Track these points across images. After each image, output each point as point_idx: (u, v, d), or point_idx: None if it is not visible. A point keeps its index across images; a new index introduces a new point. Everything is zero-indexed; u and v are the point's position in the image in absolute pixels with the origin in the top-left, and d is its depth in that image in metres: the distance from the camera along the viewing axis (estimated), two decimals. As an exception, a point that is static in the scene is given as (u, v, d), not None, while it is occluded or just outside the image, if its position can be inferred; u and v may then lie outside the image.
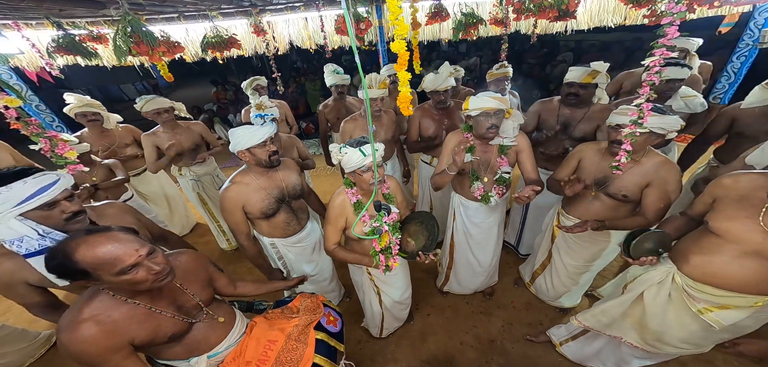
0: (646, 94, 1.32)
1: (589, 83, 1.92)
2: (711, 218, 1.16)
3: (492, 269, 2.30)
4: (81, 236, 0.88)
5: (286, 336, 1.32)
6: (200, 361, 1.18)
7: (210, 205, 2.97)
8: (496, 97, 1.58)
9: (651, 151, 1.52)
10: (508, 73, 2.79)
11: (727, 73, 3.43)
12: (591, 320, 1.63)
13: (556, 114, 2.14)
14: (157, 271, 0.98)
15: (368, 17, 3.21)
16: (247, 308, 1.53)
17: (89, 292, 0.98)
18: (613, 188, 1.60)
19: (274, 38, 3.66)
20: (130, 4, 1.98)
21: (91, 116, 2.60)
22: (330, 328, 1.50)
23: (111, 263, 0.89)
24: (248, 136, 1.52)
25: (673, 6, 1.12)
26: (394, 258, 1.59)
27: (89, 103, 2.60)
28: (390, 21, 1.43)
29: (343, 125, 2.43)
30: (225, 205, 1.61)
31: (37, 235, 1.13)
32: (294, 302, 1.54)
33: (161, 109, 2.47)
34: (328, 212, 1.55)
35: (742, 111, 1.89)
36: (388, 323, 2.10)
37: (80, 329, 0.91)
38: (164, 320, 1.07)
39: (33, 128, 1.57)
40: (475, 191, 1.84)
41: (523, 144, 1.76)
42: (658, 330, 1.36)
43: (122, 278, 0.92)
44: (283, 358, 1.26)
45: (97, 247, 0.88)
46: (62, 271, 0.87)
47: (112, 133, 2.80)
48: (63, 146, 1.69)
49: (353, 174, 1.43)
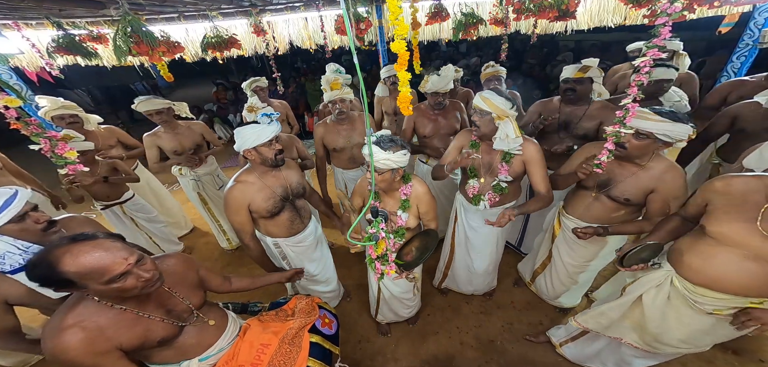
0: (634, 95, 1.32)
1: (583, 77, 1.96)
2: (707, 222, 1.15)
3: (489, 276, 2.28)
4: (65, 244, 0.85)
5: (280, 340, 1.31)
6: (191, 364, 1.16)
7: (210, 205, 2.96)
8: (488, 98, 1.57)
9: (658, 155, 1.49)
10: (497, 72, 2.78)
11: (727, 73, 3.43)
12: (590, 321, 1.62)
13: (557, 112, 2.15)
14: (146, 278, 0.96)
15: (368, 17, 3.21)
16: (242, 309, 1.51)
17: (73, 298, 0.95)
18: (616, 191, 1.59)
19: (274, 38, 3.66)
20: (130, 4, 1.97)
21: (69, 119, 2.51)
22: (325, 331, 1.49)
23: (99, 273, 0.86)
24: (256, 135, 1.52)
25: (668, 6, 1.12)
26: (390, 266, 1.58)
27: (64, 105, 2.51)
28: (390, 21, 1.43)
29: (314, 129, 2.43)
30: (230, 204, 1.60)
31: (18, 250, 1.14)
32: (289, 303, 1.53)
33: (153, 110, 2.43)
34: (354, 189, 1.75)
35: (744, 108, 1.89)
36: (383, 312, 2.11)
37: (65, 335, 0.88)
38: (153, 325, 1.05)
39: (33, 128, 1.57)
40: (469, 189, 1.84)
41: (534, 155, 1.65)
42: (657, 331, 1.36)
43: (111, 286, 0.89)
44: (276, 362, 1.25)
45: (84, 255, 0.85)
46: (46, 280, 0.84)
47: (95, 134, 2.72)
48: (63, 146, 1.69)
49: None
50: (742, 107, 1.91)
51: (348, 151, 2.44)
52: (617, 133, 1.38)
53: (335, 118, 2.34)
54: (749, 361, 1.89)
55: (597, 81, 2.01)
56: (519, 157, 1.68)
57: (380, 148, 1.38)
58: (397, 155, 1.39)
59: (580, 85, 1.98)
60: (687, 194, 1.42)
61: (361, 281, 2.67)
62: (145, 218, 2.85)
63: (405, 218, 1.61)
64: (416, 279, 1.67)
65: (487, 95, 1.58)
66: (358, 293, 2.58)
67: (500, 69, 2.82)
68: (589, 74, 1.95)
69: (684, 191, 1.43)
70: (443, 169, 1.74)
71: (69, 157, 1.74)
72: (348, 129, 2.39)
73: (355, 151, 2.44)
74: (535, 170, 1.68)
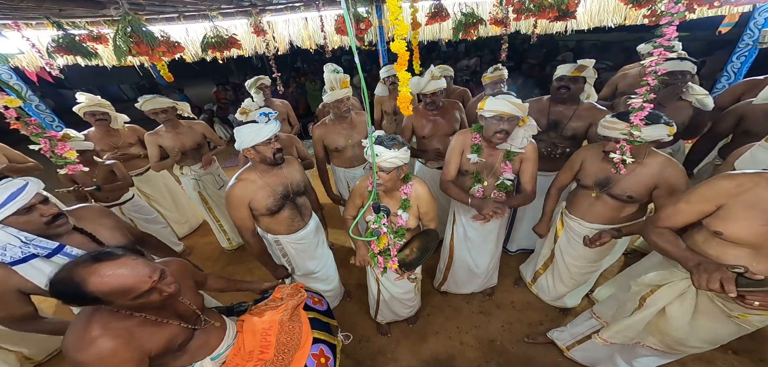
0: (644, 94, 1.32)
1: (578, 76, 1.98)
2: (721, 226, 1.07)
3: (490, 271, 2.29)
4: (89, 264, 0.85)
5: (279, 320, 1.34)
6: (204, 364, 1.19)
7: (211, 204, 2.96)
8: (516, 102, 1.54)
9: (653, 151, 1.51)
10: (503, 76, 2.76)
11: (727, 73, 3.43)
12: (617, 336, 1.54)
13: (547, 112, 2.15)
14: (169, 293, 0.97)
15: (368, 17, 3.21)
16: (228, 311, 1.49)
17: (90, 308, 0.94)
18: (616, 190, 1.60)
19: (274, 38, 3.66)
20: (130, 4, 1.98)
21: (100, 116, 2.64)
22: (317, 307, 1.53)
23: (126, 292, 0.88)
24: (254, 134, 1.53)
25: (672, 6, 1.12)
26: (393, 260, 1.59)
27: (99, 102, 2.64)
28: (390, 21, 1.43)
29: (314, 131, 2.41)
30: (231, 202, 1.62)
31: (20, 242, 1.13)
32: (275, 293, 1.55)
33: (158, 109, 2.46)
34: (353, 190, 1.73)
35: (751, 109, 1.87)
36: (382, 312, 2.11)
37: (97, 344, 0.87)
38: (174, 330, 1.07)
39: (33, 128, 1.58)
40: (474, 193, 1.84)
41: (532, 153, 1.72)
42: (683, 337, 1.31)
43: (135, 302, 0.91)
44: (284, 339, 1.28)
45: (111, 277, 0.85)
46: (72, 299, 0.84)
47: (119, 132, 2.84)
48: (62, 146, 1.69)
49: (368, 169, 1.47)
50: (749, 107, 1.89)
51: (349, 149, 2.43)
52: (630, 135, 1.38)
53: (339, 116, 2.32)
54: (749, 361, 1.89)
55: (589, 82, 2.04)
56: (519, 154, 1.72)
57: (384, 147, 1.38)
58: (401, 152, 1.40)
59: (575, 83, 2.00)
60: (687, 182, 1.43)
61: (361, 281, 2.67)
62: (144, 219, 2.85)
63: (405, 217, 1.61)
64: (418, 279, 1.67)
65: (511, 99, 1.54)
66: (358, 293, 2.58)
67: (505, 72, 2.78)
68: (584, 74, 1.97)
69: (685, 184, 1.43)
70: (454, 193, 1.75)
71: (69, 157, 1.74)
72: (348, 128, 2.39)
73: (356, 150, 2.44)
74: (528, 168, 1.75)
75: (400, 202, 1.61)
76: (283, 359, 1.24)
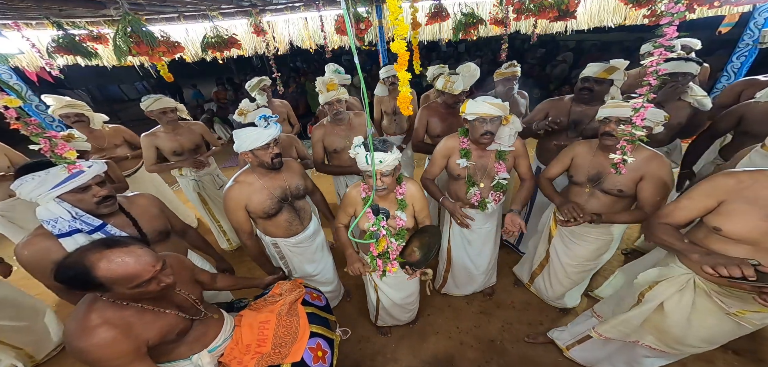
0: (645, 93, 1.31)
1: (605, 79, 1.91)
2: (721, 223, 1.08)
3: (489, 271, 2.30)
4: (99, 250, 0.88)
5: (277, 315, 1.36)
6: (202, 356, 1.20)
7: (210, 205, 2.96)
8: (495, 103, 1.56)
9: (640, 146, 1.51)
10: (516, 73, 2.73)
11: (727, 73, 3.43)
12: (612, 331, 1.56)
13: (567, 112, 2.11)
14: (166, 283, 1.00)
15: (368, 17, 3.21)
16: (228, 308, 1.51)
17: (88, 299, 0.96)
18: (607, 185, 1.60)
19: (274, 38, 3.66)
20: (130, 4, 1.98)
21: (74, 117, 2.48)
22: (316, 303, 1.54)
23: (130, 279, 0.90)
24: (253, 138, 1.52)
25: (672, 6, 1.12)
26: (392, 264, 1.59)
27: (70, 103, 2.48)
28: (390, 21, 1.43)
29: (313, 131, 2.40)
30: (228, 204, 1.63)
31: (71, 217, 1.23)
32: (274, 289, 1.56)
33: (168, 108, 2.47)
34: (344, 197, 1.71)
35: (750, 110, 1.87)
36: (383, 317, 2.11)
37: (97, 333, 0.89)
38: (171, 319, 1.09)
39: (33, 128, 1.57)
40: (472, 197, 1.83)
41: (522, 148, 1.80)
42: (681, 335, 1.32)
43: (134, 290, 0.93)
44: (281, 333, 1.30)
45: (118, 263, 0.89)
46: (78, 283, 0.86)
47: (101, 133, 2.68)
48: (63, 146, 1.69)
49: (364, 174, 1.49)
50: (749, 107, 1.89)
51: (347, 151, 2.42)
52: (630, 134, 1.38)
53: (332, 119, 2.32)
54: (749, 361, 1.89)
55: (617, 84, 1.96)
56: (511, 152, 1.76)
57: (381, 151, 1.39)
58: (396, 153, 1.43)
59: (599, 85, 1.93)
60: (673, 178, 1.45)
61: (360, 281, 2.66)
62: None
63: (404, 218, 1.61)
64: (429, 275, 1.65)
65: (489, 100, 1.58)
66: (358, 293, 2.58)
67: (518, 70, 2.74)
68: (612, 76, 1.90)
69: (671, 178, 1.45)
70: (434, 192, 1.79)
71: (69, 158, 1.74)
72: (346, 129, 2.38)
73: None
74: (522, 162, 1.83)
75: (395, 203, 1.61)
76: (280, 352, 1.26)
